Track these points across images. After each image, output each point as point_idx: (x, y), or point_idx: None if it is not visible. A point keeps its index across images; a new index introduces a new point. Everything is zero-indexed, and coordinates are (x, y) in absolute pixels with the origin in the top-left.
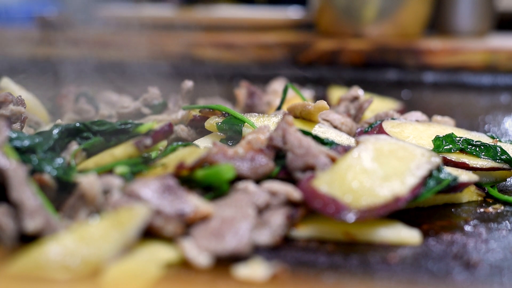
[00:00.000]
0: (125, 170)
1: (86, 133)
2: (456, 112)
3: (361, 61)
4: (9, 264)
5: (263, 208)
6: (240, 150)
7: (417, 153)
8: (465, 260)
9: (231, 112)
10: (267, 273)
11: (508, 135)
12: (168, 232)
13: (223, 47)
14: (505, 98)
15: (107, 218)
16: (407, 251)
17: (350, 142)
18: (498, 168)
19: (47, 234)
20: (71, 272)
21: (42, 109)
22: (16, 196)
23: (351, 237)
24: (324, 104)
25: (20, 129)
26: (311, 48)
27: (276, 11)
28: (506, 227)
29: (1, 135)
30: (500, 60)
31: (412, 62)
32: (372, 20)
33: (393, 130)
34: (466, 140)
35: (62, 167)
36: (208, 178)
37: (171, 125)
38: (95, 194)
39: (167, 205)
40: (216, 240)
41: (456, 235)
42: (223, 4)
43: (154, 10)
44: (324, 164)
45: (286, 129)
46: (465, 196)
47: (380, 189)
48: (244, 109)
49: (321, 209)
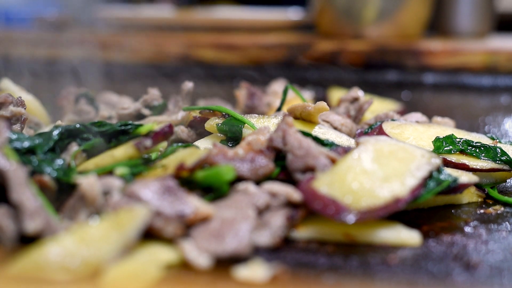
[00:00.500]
0: (125, 171)
1: (86, 134)
2: (456, 113)
3: (361, 62)
4: (9, 265)
5: (263, 209)
6: (240, 151)
7: (417, 154)
8: (465, 261)
9: (231, 113)
10: (267, 274)
11: (508, 136)
12: (168, 233)
13: (223, 48)
14: (505, 99)
15: (107, 219)
16: (407, 252)
17: (350, 143)
18: (498, 169)
19: (47, 235)
20: (71, 273)
21: (42, 110)
22: (16, 197)
23: (351, 238)
24: (324, 105)
25: (20, 130)
26: (311, 49)
27: (276, 12)
28: (506, 228)
29: (1, 136)
30: (500, 61)
31: (412, 63)
32: (372, 21)
33: (393, 131)
34: (466, 141)
35: (62, 168)
36: (208, 179)
37: (171, 126)
38: (95, 195)
39: (167, 206)
40: (216, 241)
41: (456, 236)
42: (223, 5)
43: (154, 11)
44: (324, 165)
45: (286, 130)
46: (465, 197)
47: (380, 190)
48: (244, 110)
49: (321, 210)
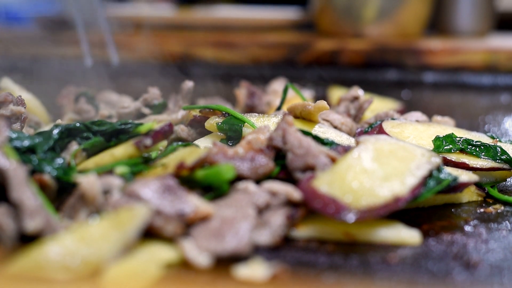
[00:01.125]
0: (125, 170)
1: (86, 133)
2: (456, 112)
3: (361, 61)
4: (9, 264)
5: (263, 208)
6: (240, 150)
7: (417, 153)
8: (465, 260)
9: (231, 112)
10: (267, 273)
11: (508, 135)
12: (168, 232)
13: (223, 47)
14: (505, 98)
15: (107, 218)
16: (407, 251)
17: (350, 142)
18: (498, 168)
19: (47, 234)
20: (71, 272)
21: (42, 109)
22: (16, 196)
23: (351, 237)
24: (324, 104)
25: (20, 129)
26: (311, 48)
27: (276, 11)
28: (506, 227)
29: (1, 135)
30: (500, 60)
31: (412, 62)
32: (372, 20)
33: (393, 130)
34: (466, 140)
35: (62, 167)
36: (208, 178)
37: (171, 125)
38: (95, 194)
39: (167, 205)
40: (216, 240)
41: (456, 235)
42: (223, 4)
43: (154, 10)
44: (324, 164)
45: (286, 129)
46: (465, 196)
47: (380, 189)
48: (244, 109)
49: (321, 209)
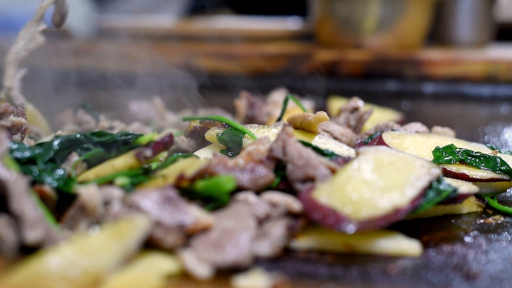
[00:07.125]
0: (126, 181)
1: (87, 144)
2: (456, 123)
3: (361, 71)
4: (10, 275)
5: (263, 219)
6: (240, 161)
7: (417, 164)
8: (465, 271)
9: (231, 123)
10: (267, 284)
11: (508, 146)
12: (168, 243)
13: (223, 57)
14: (505, 109)
15: (107, 229)
16: (407, 262)
17: (350, 153)
18: (498, 179)
19: (48, 245)
20: (71, 283)
21: (42, 120)
22: (17, 207)
23: (351, 248)
24: (324, 115)
25: (21, 140)
26: (311, 58)
27: (275, 22)
28: (506, 238)
29: (2, 146)
30: (500, 70)
31: (412, 72)
32: (372, 31)
33: (393, 141)
34: (466, 151)
35: (62, 178)
36: (208, 189)
37: (171, 136)
38: (95, 205)
39: (167, 216)
40: (216, 251)
41: (456, 246)
42: (223, 15)
43: (154, 21)
44: (324, 175)
45: (286, 140)
46: (465, 207)
47: (380, 201)
48: (244, 120)
49: (321, 220)
